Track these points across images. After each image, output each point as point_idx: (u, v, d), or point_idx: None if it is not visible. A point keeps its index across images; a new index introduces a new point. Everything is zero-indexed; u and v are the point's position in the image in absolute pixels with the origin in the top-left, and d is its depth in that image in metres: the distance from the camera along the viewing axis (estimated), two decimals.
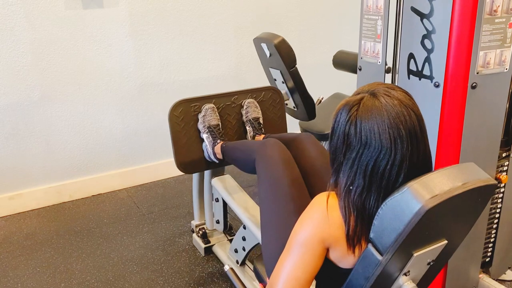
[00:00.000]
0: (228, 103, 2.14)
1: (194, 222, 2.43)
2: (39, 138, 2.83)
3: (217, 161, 2.08)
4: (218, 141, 2.04)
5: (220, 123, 2.09)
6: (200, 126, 2.08)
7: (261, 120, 2.15)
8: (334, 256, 1.14)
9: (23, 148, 2.80)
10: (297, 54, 2.31)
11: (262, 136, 2.08)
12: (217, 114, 2.09)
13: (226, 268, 1.58)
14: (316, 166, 1.64)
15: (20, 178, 2.84)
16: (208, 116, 2.06)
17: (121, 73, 2.96)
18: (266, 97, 2.21)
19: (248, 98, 2.16)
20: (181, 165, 2.09)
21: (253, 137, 2.10)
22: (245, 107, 2.14)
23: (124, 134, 3.08)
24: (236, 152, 1.91)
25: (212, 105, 2.09)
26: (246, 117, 2.14)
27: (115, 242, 2.51)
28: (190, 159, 2.10)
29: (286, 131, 2.27)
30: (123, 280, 2.20)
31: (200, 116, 2.08)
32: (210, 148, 2.05)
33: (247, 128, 2.14)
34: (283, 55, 2.26)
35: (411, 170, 1.06)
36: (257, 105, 2.16)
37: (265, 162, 1.62)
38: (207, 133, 2.05)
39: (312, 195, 1.51)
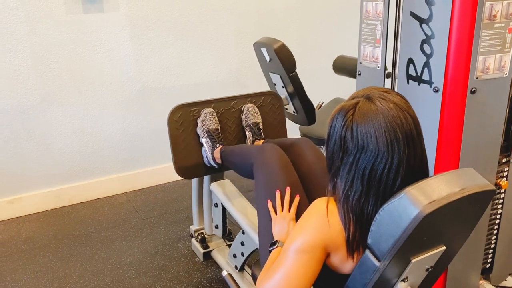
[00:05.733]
0: (227, 108, 2.13)
1: (193, 227, 2.42)
2: (38, 142, 2.83)
3: (216, 166, 2.06)
4: (217, 145, 2.02)
5: (219, 127, 2.08)
6: (199, 130, 2.07)
7: (260, 125, 2.14)
8: (333, 262, 1.13)
9: (22, 152, 2.80)
10: (297, 59, 2.30)
11: (262, 141, 2.07)
12: (216, 118, 2.08)
13: (224, 273, 1.57)
14: (314, 170, 1.64)
15: (19, 182, 2.84)
16: (207, 121, 2.04)
17: (121, 77, 2.96)
18: (266, 102, 2.19)
19: (248, 103, 2.15)
20: (180, 170, 2.07)
21: (253, 142, 2.09)
22: (244, 112, 2.13)
23: (124, 138, 3.07)
24: (234, 156, 1.90)
25: (211, 109, 2.07)
26: (245, 122, 2.13)
27: (114, 247, 2.50)
28: (189, 164, 2.08)
29: (286, 136, 2.26)
30: (121, 285, 2.19)
31: (199, 120, 2.06)
32: (209, 152, 2.04)
33: (247, 133, 2.13)
34: (283, 59, 2.25)
35: (408, 173, 1.05)
36: (257, 110, 2.15)
37: (262, 167, 1.62)
38: (206, 137, 2.04)
39: (310, 200, 1.51)
